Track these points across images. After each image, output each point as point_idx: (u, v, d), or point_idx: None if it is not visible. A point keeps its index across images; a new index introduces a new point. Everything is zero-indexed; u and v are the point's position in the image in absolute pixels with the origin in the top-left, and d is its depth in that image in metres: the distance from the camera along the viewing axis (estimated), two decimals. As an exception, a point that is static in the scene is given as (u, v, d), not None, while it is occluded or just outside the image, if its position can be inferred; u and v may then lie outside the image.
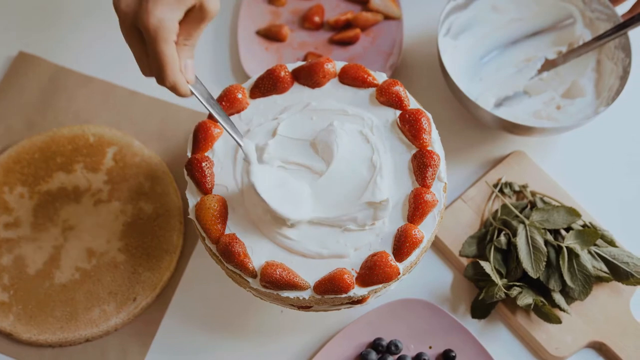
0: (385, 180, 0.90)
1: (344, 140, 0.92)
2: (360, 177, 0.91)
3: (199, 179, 0.91)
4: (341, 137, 0.92)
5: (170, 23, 0.75)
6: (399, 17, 1.19)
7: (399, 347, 0.98)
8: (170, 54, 0.76)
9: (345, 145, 0.92)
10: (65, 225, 1.06)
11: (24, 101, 1.15)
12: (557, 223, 1.01)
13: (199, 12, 0.77)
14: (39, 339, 0.99)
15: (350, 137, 0.93)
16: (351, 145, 0.92)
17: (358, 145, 0.93)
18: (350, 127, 0.94)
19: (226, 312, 1.03)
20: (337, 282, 0.85)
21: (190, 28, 0.78)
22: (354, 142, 0.93)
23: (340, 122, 0.94)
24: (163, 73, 0.77)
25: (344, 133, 0.93)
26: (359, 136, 0.94)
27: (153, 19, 0.74)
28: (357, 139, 0.93)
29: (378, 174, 0.90)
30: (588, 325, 1.00)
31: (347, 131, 0.93)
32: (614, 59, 1.08)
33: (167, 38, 0.75)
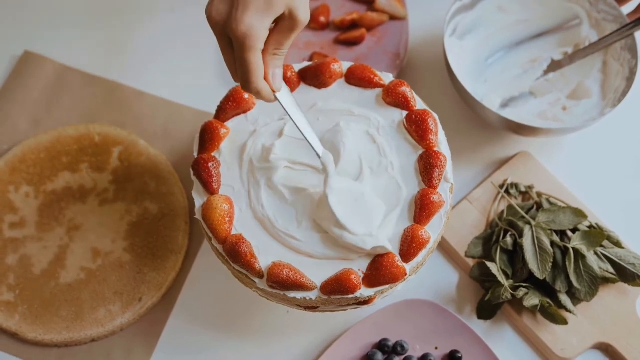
0: (387, 225, 0.88)
1: (351, 141, 0.92)
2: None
3: (205, 179, 0.91)
4: (348, 138, 0.92)
5: (257, 31, 0.75)
6: (405, 17, 1.19)
7: (405, 348, 0.98)
8: (255, 62, 0.77)
9: (351, 145, 0.92)
10: (70, 225, 1.06)
11: (29, 100, 1.15)
12: (564, 224, 1.01)
13: (289, 20, 0.77)
14: (45, 339, 0.99)
15: (357, 137, 0.93)
16: (358, 146, 0.92)
17: (365, 146, 0.93)
18: (357, 127, 0.94)
19: (232, 312, 1.03)
20: (344, 283, 0.85)
21: (280, 37, 0.78)
22: (361, 142, 0.93)
23: (346, 123, 0.94)
24: (247, 80, 0.78)
25: (350, 133, 0.93)
26: (366, 136, 0.94)
27: (242, 26, 0.75)
28: (363, 140, 0.93)
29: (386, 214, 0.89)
30: (594, 327, 1.00)
31: (353, 131, 0.93)
32: (620, 60, 1.08)
33: (253, 46, 0.76)
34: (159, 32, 1.22)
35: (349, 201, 0.87)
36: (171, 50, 1.21)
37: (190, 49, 1.21)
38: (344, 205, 0.87)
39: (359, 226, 0.86)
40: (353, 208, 0.87)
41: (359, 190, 0.89)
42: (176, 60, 1.20)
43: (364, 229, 0.86)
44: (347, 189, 0.88)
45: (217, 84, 1.18)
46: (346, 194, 0.88)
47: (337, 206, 0.86)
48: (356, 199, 0.88)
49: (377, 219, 0.88)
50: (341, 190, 0.88)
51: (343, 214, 0.86)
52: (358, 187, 0.89)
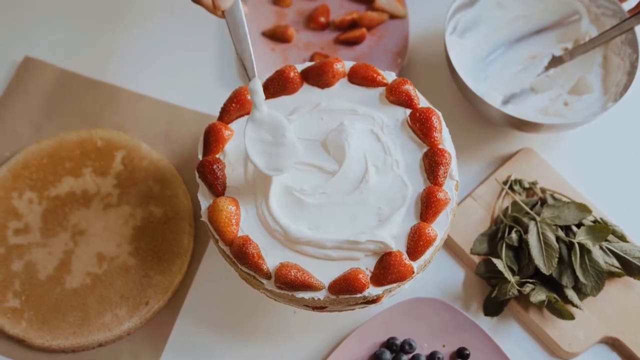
0: (394, 219, 0.89)
1: (355, 140, 0.92)
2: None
3: (211, 181, 0.91)
4: (352, 137, 0.92)
5: None
6: (405, 16, 1.19)
7: (412, 346, 0.98)
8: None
9: (356, 144, 0.92)
10: (75, 230, 1.05)
11: (30, 106, 1.15)
12: (568, 219, 1.01)
13: None
14: (52, 345, 0.99)
15: (361, 136, 0.93)
16: (362, 144, 0.92)
17: (369, 144, 0.93)
18: (361, 126, 0.94)
19: (238, 314, 1.03)
20: (352, 282, 0.85)
21: None
22: (365, 141, 0.93)
23: (350, 122, 0.94)
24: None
25: (354, 132, 0.93)
26: (370, 135, 0.94)
27: None
28: (368, 138, 0.93)
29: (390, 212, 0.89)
30: (601, 321, 1.00)
31: (357, 130, 0.93)
32: (620, 55, 1.08)
33: None
34: (158, 35, 1.22)
35: (266, 136, 0.88)
36: (171, 53, 1.21)
37: (190, 51, 1.21)
38: (259, 139, 0.88)
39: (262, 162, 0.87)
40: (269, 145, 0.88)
41: (281, 129, 0.88)
42: (176, 63, 1.20)
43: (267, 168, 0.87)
44: (269, 123, 0.88)
45: (218, 85, 1.18)
46: (267, 127, 0.88)
47: (249, 137, 0.87)
48: (274, 136, 0.88)
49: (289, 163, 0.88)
50: (262, 123, 0.88)
51: (252, 147, 0.87)
52: (282, 125, 0.88)
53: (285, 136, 0.88)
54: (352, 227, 0.89)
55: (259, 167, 0.88)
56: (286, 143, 0.88)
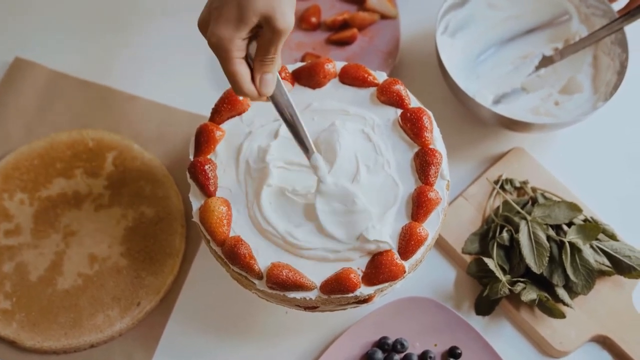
0: (387, 220, 0.89)
1: (346, 140, 0.92)
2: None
3: (202, 181, 0.91)
4: (343, 137, 0.92)
5: (226, 43, 0.77)
6: (396, 16, 1.20)
7: (404, 346, 0.98)
8: (232, 69, 0.79)
9: (347, 144, 0.92)
10: (66, 231, 1.05)
11: (21, 107, 1.15)
12: (559, 218, 1.02)
13: (268, 30, 0.77)
14: (43, 346, 0.99)
15: (353, 136, 0.93)
16: (354, 145, 0.93)
17: (360, 145, 0.93)
18: (352, 126, 0.94)
19: (230, 315, 1.03)
20: (344, 282, 0.86)
21: (263, 46, 0.78)
22: (357, 141, 0.93)
23: (341, 122, 0.94)
24: (233, 87, 0.81)
25: (346, 132, 0.93)
26: (361, 135, 0.94)
27: (213, 38, 0.78)
28: (359, 138, 0.93)
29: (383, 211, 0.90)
30: (591, 320, 1.00)
31: (349, 130, 0.93)
32: (610, 55, 1.09)
33: (224, 57, 0.78)
34: (151, 36, 1.22)
35: (338, 206, 0.88)
36: (164, 54, 1.21)
37: (183, 52, 1.21)
38: (332, 209, 0.88)
39: (341, 233, 0.88)
40: (341, 213, 0.88)
41: (350, 196, 0.88)
42: (169, 64, 1.20)
43: (345, 236, 0.87)
44: (337, 194, 0.89)
45: (211, 86, 1.18)
46: (335, 198, 0.88)
47: (323, 212, 0.88)
48: (345, 204, 0.88)
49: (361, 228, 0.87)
50: (331, 195, 0.88)
51: (328, 220, 0.88)
52: (350, 192, 0.88)
53: (356, 203, 0.88)
54: (343, 227, 0.89)
55: (341, 239, 0.87)
56: (358, 210, 0.88)
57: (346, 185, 0.89)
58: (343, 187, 0.89)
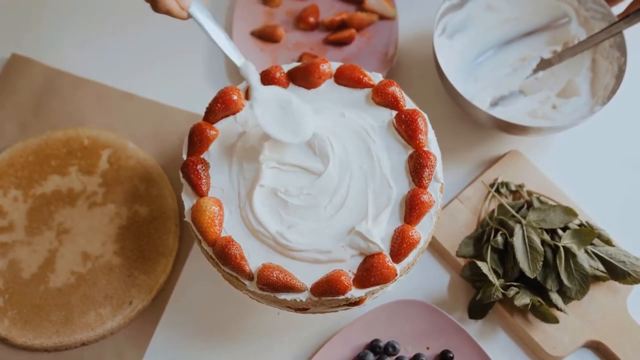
0: (381, 218, 0.89)
1: (340, 142, 0.92)
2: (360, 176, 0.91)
3: (194, 181, 0.91)
4: (336, 138, 0.92)
5: None
6: (394, 17, 1.19)
7: (396, 349, 0.98)
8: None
9: (340, 146, 0.92)
10: (60, 229, 1.05)
11: (17, 103, 1.14)
12: (554, 222, 1.01)
13: None
14: (35, 344, 0.99)
15: (346, 138, 0.93)
16: (347, 146, 0.92)
17: (354, 146, 0.92)
18: (346, 127, 0.93)
19: (223, 315, 1.03)
20: (334, 284, 0.85)
21: None
22: (350, 143, 0.93)
23: (335, 123, 0.93)
24: (154, 2, 0.81)
25: (339, 134, 0.92)
26: (355, 137, 0.93)
27: None
28: (353, 140, 0.93)
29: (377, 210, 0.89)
30: (585, 325, 1.00)
31: (342, 132, 0.93)
32: (609, 58, 1.08)
33: None
34: (148, 35, 1.22)
35: (275, 110, 0.89)
36: (160, 53, 1.20)
37: (180, 51, 1.21)
38: (271, 115, 0.88)
39: (287, 134, 0.88)
40: (281, 117, 0.89)
41: (285, 98, 0.90)
42: (166, 63, 1.20)
43: (293, 137, 0.88)
44: (273, 99, 0.89)
45: (207, 85, 1.18)
46: (272, 103, 0.89)
47: (264, 117, 0.88)
48: (283, 107, 0.89)
49: (307, 124, 0.89)
50: (266, 101, 0.89)
51: (270, 125, 0.88)
52: (285, 95, 0.90)
53: (292, 102, 0.89)
54: (337, 228, 0.89)
55: (287, 140, 0.88)
56: (295, 108, 0.89)
57: (277, 88, 0.91)
58: (275, 90, 0.90)
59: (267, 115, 0.89)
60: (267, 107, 0.89)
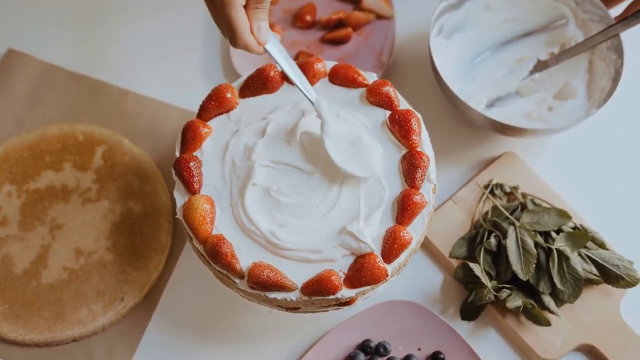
0: (373, 220, 0.89)
1: (333, 141, 0.91)
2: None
3: (186, 178, 0.90)
4: (329, 138, 0.91)
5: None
6: (391, 16, 1.19)
7: (387, 349, 0.98)
8: (237, 17, 0.80)
9: (334, 145, 0.91)
10: (53, 224, 1.05)
11: (12, 98, 1.14)
12: (548, 225, 1.00)
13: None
14: (26, 339, 0.99)
15: (339, 137, 0.92)
16: (340, 146, 0.92)
17: (347, 146, 0.92)
18: (340, 127, 0.93)
19: (214, 313, 1.02)
20: (325, 284, 0.85)
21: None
22: (343, 142, 0.92)
23: (329, 122, 0.93)
24: (233, 36, 0.82)
25: (332, 133, 0.92)
26: (349, 136, 0.93)
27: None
28: (346, 140, 0.92)
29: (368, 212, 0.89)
30: (578, 328, 0.99)
31: (336, 131, 0.92)
32: (606, 61, 1.07)
33: (231, 3, 0.79)
34: (144, 31, 1.21)
35: (345, 145, 0.89)
36: (157, 49, 1.20)
37: (177, 48, 1.20)
38: (341, 150, 0.89)
39: (357, 169, 0.88)
40: (350, 152, 0.89)
41: (355, 134, 0.90)
42: (162, 59, 1.20)
43: (363, 171, 0.88)
44: (343, 134, 0.90)
45: (203, 82, 1.17)
46: (343, 138, 0.90)
47: (334, 151, 0.89)
48: (353, 143, 0.90)
49: (376, 161, 0.90)
50: (337, 135, 0.89)
51: (340, 159, 0.88)
52: (354, 131, 0.91)
53: (361, 137, 0.90)
54: (329, 228, 0.89)
55: (362, 176, 0.88)
56: (364, 143, 0.90)
57: (346, 126, 0.91)
58: (344, 127, 0.91)
59: (338, 149, 0.89)
60: (337, 142, 0.89)
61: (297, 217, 0.90)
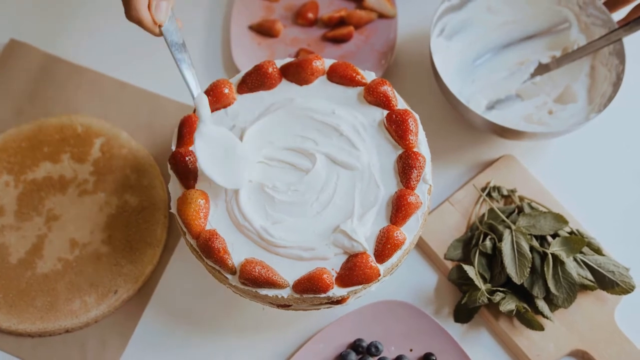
0: (367, 218, 0.88)
1: (325, 140, 0.92)
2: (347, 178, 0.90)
3: (182, 173, 0.90)
4: (322, 137, 0.92)
5: None
6: (394, 15, 1.18)
7: (379, 349, 0.97)
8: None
9: (327, 145, 0.92)
10: (49, 215, 1.05)
11: (13, 89, 1.15)
12: (544, 229, 1.00)
13: None
14: (19, 328, 0.99)
15: (335, 136, 0.92)
16: (335, 145, 0.92)
17: (342, 145, 0.92)
18: (337, 125, 0.93)
19: (207, 308, 1.02)
20: (316, 282, 0.85)
21: None
22: (339, 141, 0.92)
23: (324, 121, 0.93)
24: (127, 8, 0.81)
25: (326, 132, 0.92)
26: (347, 135, 0.93)
27: None
28: (342, 139, 0.92)
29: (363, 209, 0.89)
30: (571, 334, 0.99)
31: (331, 131, 0.92)
32: (607, 65, 1.07)
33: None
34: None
35: (217, 149, 0.87)
36: (157, 43, 1.19)
37: (178, 41, 1.20)
38: (210, 152, 0.87)
39: (221, 178, 0.87)
40: (220, 158, 0.87)
41: (232, 143, 0.88)
42: (162, 53, 1.19)
43: (224, 181, 0.87)
44: (218, 138, 0.88)
45: (203, 78, 1.17)
46: (216, 142, 0.87)
47: (202, 151, 0.86)
48: (226, 150, 0.88)
49: (243, 172, 0.88)
50: (211, 138, 0.87)
51: (205, 160, 0.86)
52: (232, 140, 0.88)
53: (236, 148, 0.88)
54: (322, 226, 0.89)
55: (219, 183, 0.87)
56: (238, 156, 0.88)
57: (226, 132, 0.89)
58: (223, 133, 0.88)
59: (207, 151, 0.87)
60: (209, 143, 0.87)
61: (291, 214, 0.89)
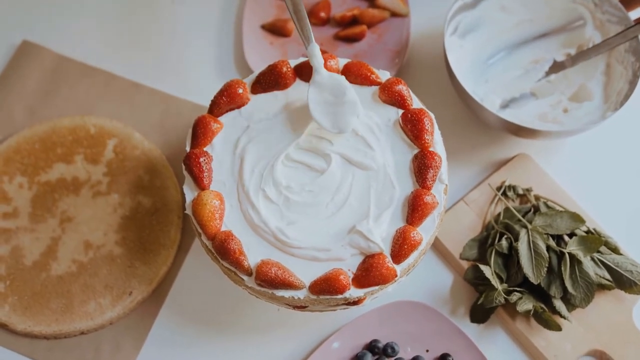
0: (383, 219, 0.88)
1: (341, 141, 0.91)
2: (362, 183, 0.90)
3: (196, 174, 0.90)
4: (337, 137, 0.91)
5: None
6: (407, 14, 1.18)
7: (395, 350, 0.97)
8: None
9: (342, 145, 0.91)
10: (63, 217, 1.05)
11: (26, 90, 1.15)
12: (560, 228, 0.99)
13: None
14: (34, 331, 0.99)
15: (350, 136, 0.92)
16: (351, 144, 0.91)
17: (357, 144, 0.92)
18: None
19: (222, 309, 1.02)
20: (333, 283, 0.84)
21: None
22: (354, 141, 0.92)
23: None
24: None
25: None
26: (361, 134, 0.92)
27: None
28: (356, 138, 0.92)
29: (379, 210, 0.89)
30: (589, 334, 0.98)
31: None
32: (624, 63, 1.06)
33: None
34: (158, 24, 1.21)
35: (328, 96, 0.90)
36: (170, 43, 1.20)
37: (189, 41, 1.20)
38: (322, 101, 0.90)
39: (329, 123, 0.89)
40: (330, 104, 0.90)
41: (341, 88, 0.90)
42: (175, 53, 1.19)
43: (332, 127, 0.89)
44: (330, 84, 0.90)
45: (215, 78, 1.17)
46: (328, 88, 0.90)
47: (313, 100, 0.90)
48: (336, 96, 0.90)
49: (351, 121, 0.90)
50: (323, 86, 0.90)
51: (315, 109, 0.89)
52: (342, 85, 0.90)
53: (346, 94, 0.90)
54: (338, 226, 0.88)
55: (326, 127, 0.90)
56: (347, 101, 0.90)
57: (339, 77, 0.91)
58: (336, 78, 0.91)
59: (318, 98, 0.90)
60: (321, 92, 0.90)
61: (306, 215, 0.89)
